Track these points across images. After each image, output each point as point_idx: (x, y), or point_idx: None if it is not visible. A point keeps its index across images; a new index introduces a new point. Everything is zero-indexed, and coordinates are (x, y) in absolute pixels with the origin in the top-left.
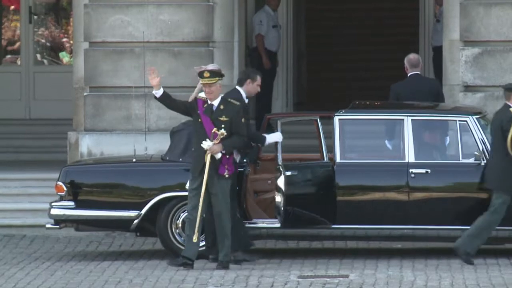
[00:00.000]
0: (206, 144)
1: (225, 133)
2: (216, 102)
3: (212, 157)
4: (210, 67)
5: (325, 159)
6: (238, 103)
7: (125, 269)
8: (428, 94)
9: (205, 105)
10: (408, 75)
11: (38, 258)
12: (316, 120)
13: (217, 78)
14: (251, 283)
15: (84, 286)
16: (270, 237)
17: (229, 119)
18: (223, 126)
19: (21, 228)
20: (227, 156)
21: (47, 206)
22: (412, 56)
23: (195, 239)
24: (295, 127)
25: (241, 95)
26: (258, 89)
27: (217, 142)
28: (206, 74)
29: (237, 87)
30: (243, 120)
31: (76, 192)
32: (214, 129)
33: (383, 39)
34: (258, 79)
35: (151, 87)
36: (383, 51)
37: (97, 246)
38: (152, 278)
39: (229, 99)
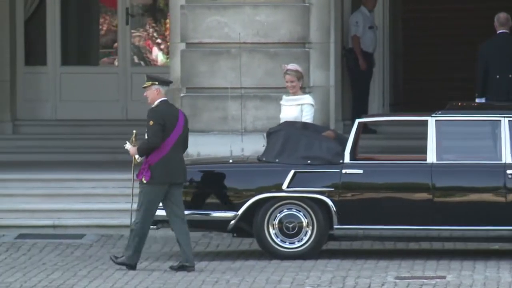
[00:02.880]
0: (126, 146)
1: (136, 136)
2: None
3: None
4: (290, 66)
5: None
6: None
7: (222, 269)
8: None
9: None
10: (497, 33)
11: None
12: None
13: (150, 83)
14: (348, 283)
15: (181, 286)
16: (367, 238)
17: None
18: (146, 130)
19: (119, 228)
20: (145, 161)
21: None
22: (502, 14)
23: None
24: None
25: None
26: None
27: (133, 144)
28: (145, 78)
29: None
30: (151, 122)
31: None
32: (134, 131)
33: (479, 39)
34: None
35: (248, 87)
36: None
37: (194, 247)
38: (249, 278)
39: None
